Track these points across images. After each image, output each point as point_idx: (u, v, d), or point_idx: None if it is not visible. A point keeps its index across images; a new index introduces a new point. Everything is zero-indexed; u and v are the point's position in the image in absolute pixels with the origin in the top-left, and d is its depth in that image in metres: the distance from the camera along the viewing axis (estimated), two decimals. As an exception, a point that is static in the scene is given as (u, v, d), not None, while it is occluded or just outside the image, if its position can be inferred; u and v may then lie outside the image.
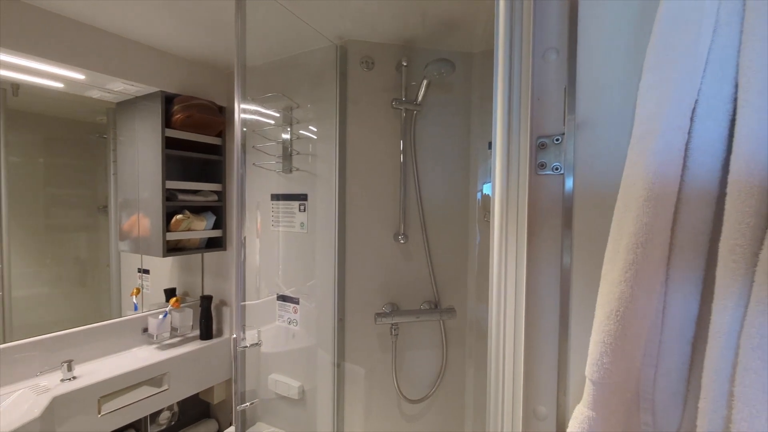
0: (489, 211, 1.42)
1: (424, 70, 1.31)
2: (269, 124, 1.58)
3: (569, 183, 0.57)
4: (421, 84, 1.36)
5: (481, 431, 1.47)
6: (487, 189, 1.45)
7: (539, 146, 0.60)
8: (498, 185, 0.68)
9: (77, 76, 1.39)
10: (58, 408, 1.24)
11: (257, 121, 1.58)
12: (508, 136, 0.67)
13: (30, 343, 1.36)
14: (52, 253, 1.67)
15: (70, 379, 1.35)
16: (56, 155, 1.68)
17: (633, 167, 0.43)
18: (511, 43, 0.65)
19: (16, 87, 1.49)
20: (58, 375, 1.35)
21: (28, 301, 1.56)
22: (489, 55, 1.42)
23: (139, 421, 1.62)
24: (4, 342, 1.33)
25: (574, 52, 0.56)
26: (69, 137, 1.72)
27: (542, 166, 0.60)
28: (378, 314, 1.40)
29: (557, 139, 0.58)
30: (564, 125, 0.56)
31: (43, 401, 1.19)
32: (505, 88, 0.67)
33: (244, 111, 1.14)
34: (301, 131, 1.53)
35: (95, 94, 1.60)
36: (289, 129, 1.54)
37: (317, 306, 1.51)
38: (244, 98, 1.15)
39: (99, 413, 1.35)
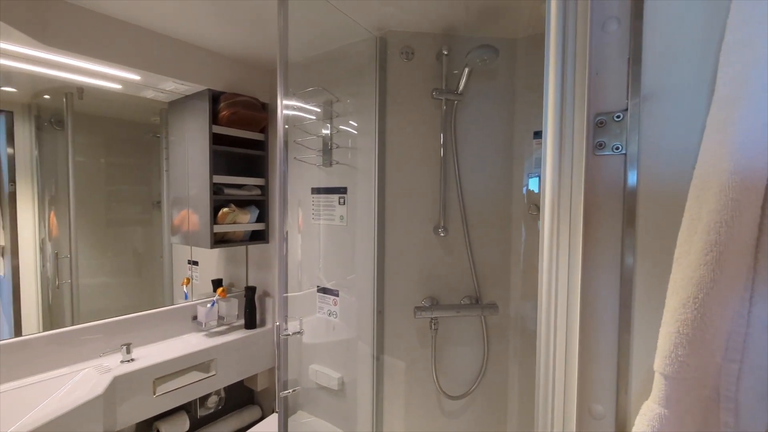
0: (535, 205, 1.36)
1: (465, 57, 1.27)
2: (310, 119, 1.60)
3: (632, 163, 0.53)
4: (462, 72, 1.32)
5: (526, 431, 1.41)
6: (533, 184, 1.38)
7: (597, 124, 0.56)
8: (549, 170, 0.64)
9: (133, 76, 1.48)
10: (118, 387, 1.32)
11: (298, 116, 1.61)
12: (561, 116, 0.63)
13: (94, 327, 1.47)
14: (113, 245, 1.80)
15: (128, 360, 1.44)
16: (116, 155, 1.79)
17: (714, 135, 0.38)
18: (565, 16, 0.61)
19: (81, 91, 1.61)
20: (118, 357, 1.45)
21: (92, 288, 1.68)
22: (535, 40, 1.36)
23: (189, 403, 1.71)
24: (73, 324, 1.44)
25: (639, 19, 0.51)
26: (126, 137, 1.84)
27: (600, 146, 0.55)
28: (417, 308, 1.38)
29: (618, 116, 0.53)
30: (627, 99, 0.52)
31: (106, 380, 1.28)
32: (558, 64, 0.62)
33: (286, 107, 1.16)
34: (340, 125, 1.54)
35: (149, 94, 1.70)
36: (329, 123, 1.55)
37: (357, 298, 1.52)
38: (287, 94, 1.17)
39: (154, 394, 1.43)
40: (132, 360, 1.45)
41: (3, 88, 1.44)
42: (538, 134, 1.35)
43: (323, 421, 1.66)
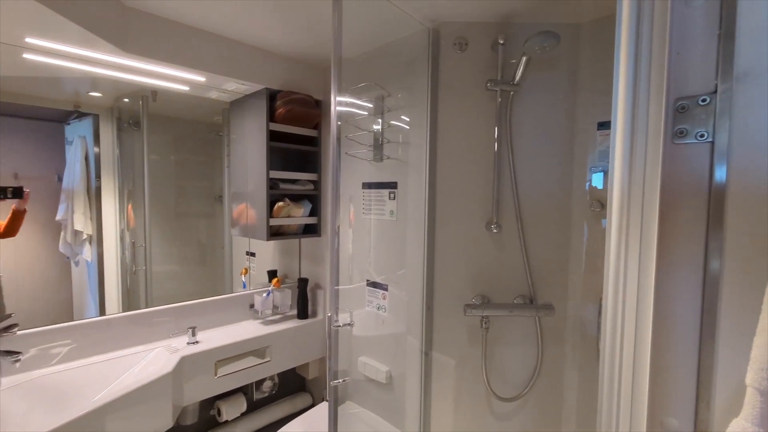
0: (598, 201, 1.27)
1: (523, 45, 1.21)
2: (361, 115, 1.62)
3: (721, 155, 0.47)
4: (519, 62, 1.27)
5: (582, 441, 1.34)
6: (596, 179, 1.29)
7: (678, 110, 0.50)
8: (618, 162, 0.60)
9: (199, 78, 1.58)
10: (185, 366, 1.43)
11: (350, 112, 1.63)
12: (634, 102, 0.58)
13: (165, 310, 1.61)
14: (181, 236, 1.94)
15: (194, 342, 1.55)
16: (183, 152, 1.94)
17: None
18: (641, -8, 0.55)
19: (154, 93, 1.75)
20: (185, 338, 1.57)
21: (163, 275, 1.83)
22: (601, 23, 1.26)
23: (246, 386, 1.81)
24: (147, 307, 1.58)
25: (733, -11, 0.45)
26: (193, 136, 1.97)
27: (681, 133, 0.50)
28: (468, 305, 1.35)
29: (704, 100, 0.48)
30: (717, 80, 0.46)
31: (174, 359, 1.39)
32: (632, 45, 0.57)
33: (339, 103, 1.18)
34: (391, 120, 1.54)
35: (213, 94, 1.81)
36: (380, 118, 1.56)
37: (406, 293, 1.52)
38: (340, 91, 1.19)
39: (215, 375, 1.54)
40: (197, 342, 1.56)
41: (91, 94, 1.61)
42: (603, 125, 1.26)
43: (371, 413, 1.69)
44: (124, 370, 1.38)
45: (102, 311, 1.66)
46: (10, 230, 1.40)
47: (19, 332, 1.23)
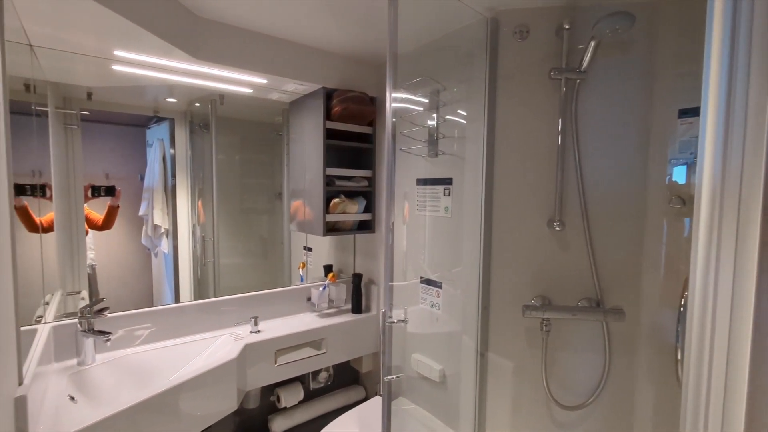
0: (679, 197, 1.14)
1: (592, 29, 1.12)
2: (416, 110, 1.60)
3: None
4: (587, 47, 1.18)
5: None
6: (678, 172, 1.16)
7: (790, 89, 0.44)
8: (710, 153, 0.53)
9: (261, 81, 1.66)
10: (248, 353, 1.52)
11: (405, 107, 1.63)
12: (729, 84, 0.51)
13: (230, 300, 1.72)
14: (245, 231, 2.07)
15: (256, 331, 1.64)
16: (247, 152, 2.05)
17: None
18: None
19: (222, 97, 1.87)
20: (248, 327, 1.67)
21: (229, 267, 1.96)
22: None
23: (303, 375, 1.89)
24: (215, 296, 1.70)
25: None
26: (255, 136, 2.09)
27: (794, 117, 0.43)
28: (527, 306, 1.29)
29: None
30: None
31: (239, 346, 1.48)
32: (728, 18, 0.51)
33: (394, 100, 1.18)
34: (447, 115, 1.51)
35: (274, 96, 1.90)
36: (435, 113, 1.53)
37: (461, 292, 1.49)
38: (395, 87, 1.18)
39: (275, 363, 1.61)
40: (259, 331, 1.65)
41: (168, 99, 1.75)
42: (686, 113, 1.13)
43: (423, 410, 1.68)
44: (195, 353, 1.50)
45: (177, 299, 1.82)
46: (107, 224, 1.58)
47: (109, 315, 1.38)
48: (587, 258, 1.28)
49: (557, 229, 1.31)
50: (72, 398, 1.14)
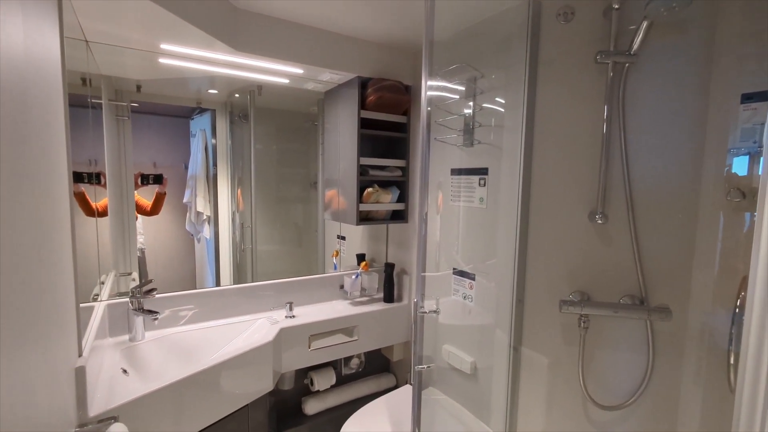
0: (738, 189, 1.05)
1: (645, 8, 1.05)
2: (452, 98, 1.57)
3: None
4: (639, 28, 1.10)
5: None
6: (738, 163, 1.07)
7: None
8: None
9: (297, 71, 1.69)
10: (283, 337, 1.58)
11: (441, 96, 1.60)
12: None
13: (267, 285, 1.78)
14: (281, 219, 2.12)
15: (291, 316, 1.70)
16: (283, 141, 2.10)
17: None
18: None
19: (260, 88, 1.92)
20: (283, 312, 1.72)
21: (266, 253, 2.03)
22: (752, -29, 1.03)
23: (336, 361, 1.94)
24: (253, 281, 1.77)
25: None
26: (291, 126, 2.13)
27: None
28: (564, 302, 1.25)
29: None
30: None
31: (275, 330, 1.54)
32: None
33: (429, 88, 1.15)
34: (484, 103, 1.47)
35: (309, 85, 1.92)
36: (471, 101, 1.49)
37: (495, 285, 1.46)
38: (431, 74, 1.16)
39: (309, 347, 1.66)
40: (293, 316, 1.70)
41: (210, 91, 1.82)
42: (749, 97, 1.04)
43: (454, 402, 1.67)
44: (234, 335, 1.57)
45: (218, 282, 1.91)
46: (155, 210, 1.68)
47: (157, 295, 1.47)
48: (631, 253, 1.22)
49: (599, 222, 1.25)
50: (124, 371, 1.23)
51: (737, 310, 1.04)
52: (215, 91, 1.83)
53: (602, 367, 1.30)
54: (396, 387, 2.08)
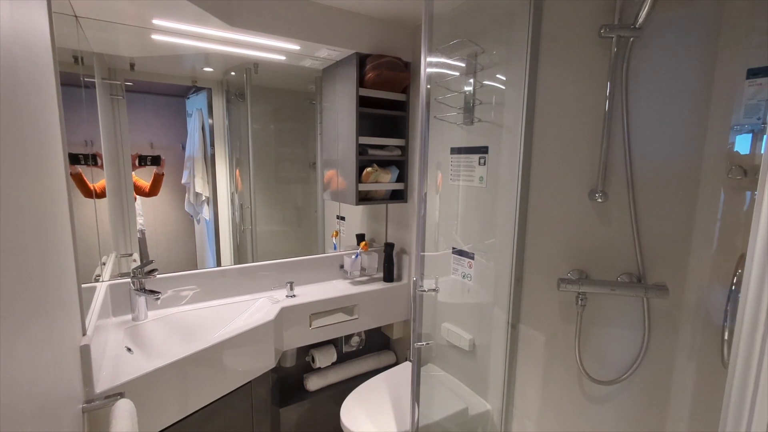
0: (740, 167, 1.05)
1: (651, -21, 1.01)
2: (452, 75, 1.54)
3: None
4: (644, 0, 1.07)
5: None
6: (741, 141, 1.06)
7: None
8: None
9: (294, 47, 1.64)
10: (284, 316, 1.60)
11: (440, 73, 1.57)
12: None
13: (268, 265, 1.79)
14: (280, 199, 2.12)
15: (291, 296, 1.71)
16: (281, 121, 2.07)
17: None
18: None
19: (256, 66, 1.87)
20: (284, 292, 1.74)
21: (265, 234, 2.03)
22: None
23: (336, 339, 1.97)
24: (253, 262, 1.78)
25: None
26: (289, 105, 2.09)
27: None
28: (562, 280, 1.26)
29: None
30: None
31: (276, 309, 1.56)
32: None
33: (429, 64, 1.13)
34: (485, 80, 1.44)
35: (307, 63, 1.88)
36: (472, 78, 1.46)
37: (494, 263, 1.47)
38: (430, 50, 1.13)
39: (310, 326, 1.69)
40: (294, 296, 1.72)
41: (205, 69, 1.78)
42: (756, 73, 1.02)
43: (453, 377, 1.71)
44: (236, 314, 1.59)
45: (218, 263, 1.92)
46: (154, 190, 1.67)
47: (158, 276, 1.48)
48: (630, 231, 1.22)
49: (599, 200, 1.24)
50: (129, 349, 1.26)
51: (733, 287, 1.05)
52: (210, 69, 1.79)
53: (598, 344, 1.32)
54: (396, 364, 2.12)
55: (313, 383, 1.88)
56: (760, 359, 0.50)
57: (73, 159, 1.04)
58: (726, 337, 1.08)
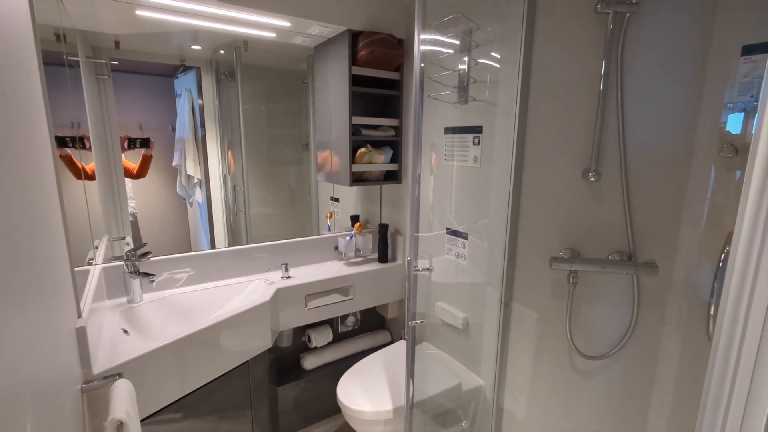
0: (731, 145, 1.05)
1: (650, -48, 0.99)
2: (446, 53, 1.51)
3: None
4: (642, -26, 1.05)
5: (682, 409, 1.24)
6: (733, 120, 1.06)
7: None
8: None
9: (284, 23, 1.60)
10: (280, 297, 1.61)
11: (434, 50, 1.54)
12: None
13: (262, 247, 1.79)
14: (273, 181, 2.10)
15: (287, 277, 1.72)
16: (273, 101, 2.03)
17: None
18: None
19: (245, 43, 1.83)
20: (279, 273, 1.75)
21: (259, 216, 2.02)
22: None
23: (332, 319, 1.99)
24: (248, 244, 1.78)
25: None
26: (281, 85, 2.05)
27: None
28: (555, 258, 1.27)
29: None
30: None
31: (271, 290, 1.57)
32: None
33: (423, 42, 1.10)
34: (479, 58, 1.42)
35: (298, 40, 1.83)
36: (466, 56, 1.44)
37: (488, 243, 1.48)
38: (424, 27, 1.10)
39: (305, 307, 1.71)
40: (289, 277, 1.73)
41: (193, 47, 1.73)
42: (751, 50, 1.01)
43: (447, 355, 1.75)
44: (232, 296, 1.60)
45: (212, 245, 1.92)
46: (142, 172, 1.65)
47: (152, 258, 1.48)
48: (622, 210, 1.23)
49: (592, 179, 1.25)
50: (125, 331, 1.26)
51: (720, 264, 1.08)
52: (199, 47, 1.74)
53: (589, 320, 1.35)
54: (391, 343, 2.16)
55: (310, 362, 1.91)
56: (743, 331, 0.52)
57: (60, 142, 1.02)
58: (712, 313, 1.11)
